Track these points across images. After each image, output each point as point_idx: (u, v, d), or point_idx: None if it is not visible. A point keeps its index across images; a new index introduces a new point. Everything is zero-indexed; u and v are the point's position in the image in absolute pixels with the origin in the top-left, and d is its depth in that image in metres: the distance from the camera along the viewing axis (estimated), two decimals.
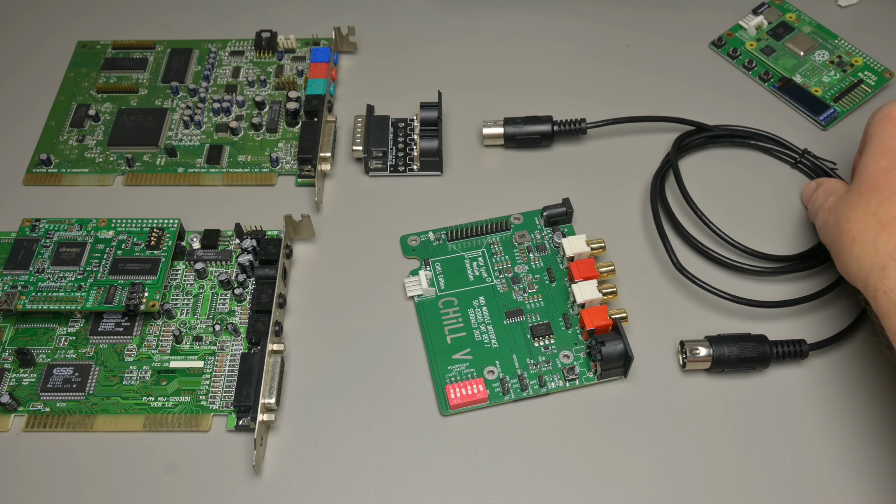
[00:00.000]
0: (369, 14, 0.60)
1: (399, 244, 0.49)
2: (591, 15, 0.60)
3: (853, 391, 0.43)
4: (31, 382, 0.44)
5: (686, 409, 0.43)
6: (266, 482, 0.41)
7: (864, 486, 0.40)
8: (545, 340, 0.45)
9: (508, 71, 0.57)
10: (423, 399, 0.43)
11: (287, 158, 0.52)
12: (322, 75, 0.54)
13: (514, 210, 0.50)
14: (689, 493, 0.40)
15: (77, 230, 0.48)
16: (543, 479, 0.41)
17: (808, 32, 0.56)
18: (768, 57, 0.55)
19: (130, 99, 0.55)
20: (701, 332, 0.45)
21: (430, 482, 0.41)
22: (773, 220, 0.49)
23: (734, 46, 0.57)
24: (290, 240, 0.48)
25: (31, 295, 0.45)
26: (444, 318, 0.46)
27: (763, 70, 0.55)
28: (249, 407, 0.42)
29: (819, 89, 0.54)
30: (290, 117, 0.53)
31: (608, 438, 0.42)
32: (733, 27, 0.58)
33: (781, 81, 0.54)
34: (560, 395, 0.43)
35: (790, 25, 0.57)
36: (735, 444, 0.42)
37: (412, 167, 0.52)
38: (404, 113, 0.54)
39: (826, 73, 0.54)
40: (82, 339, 0.45)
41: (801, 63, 0.55)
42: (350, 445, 0.42)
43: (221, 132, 0.53)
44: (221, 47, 0.58)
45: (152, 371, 0.44)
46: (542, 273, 0.47)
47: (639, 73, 0.56)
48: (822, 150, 0.51)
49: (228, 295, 0.47)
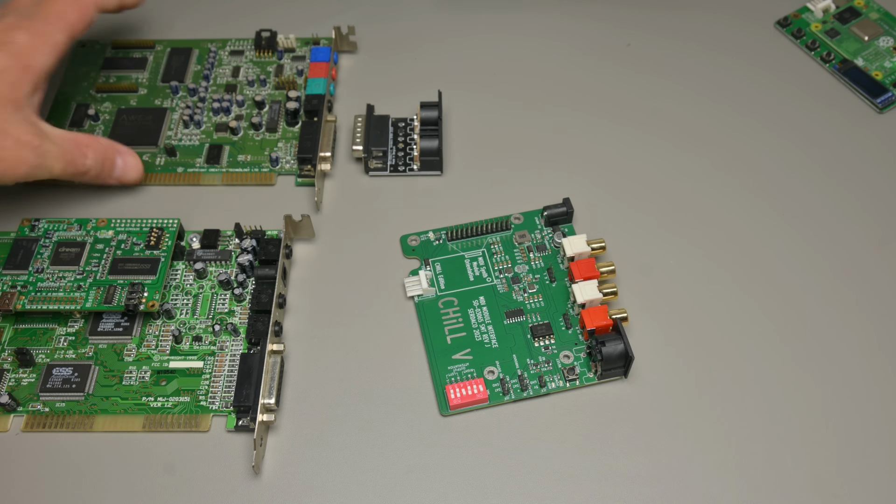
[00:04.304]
0: (369, 14, 0.60)
1: (399, 244, 0.49)
2: (591, 15, 0.60)
3: (851, 390, 0.43)
4: (31, 383, 0.44)
5: (686, 409, 0.43)
6: (266, 482, 0.41)
7: (864, 487, 0.40)
8: (545, 340, 0.45)
9: (508, 71, 0.57)
10: (423, 399, 0.43)
11: (287, 158, 0.52)
12: (322, 75, 0.54)
13: (514, 210, 0.50)
14: (689, 493, 0.40)
15: (76, 230, 0.48)
16: (543, 479, 0.41)
17: (875, 19, 0.57)
18: (832, 39, 0.56)
19: (130, 98, 0.55)
20: (701, 332, 0.45)
21: (430, 482, 0.41)
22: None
23: (799, 27, 0.57)
24: (289, 240, 0.48)
25: (31, 295, 0.45)
26: (444, 318, 0.46)
27: (825, 51, 0.56)
28: (249, 407, 0.42)
29: (880, 73, 0.54)
30: (289, 117, 0.53)
31: (608, 438, 0.42)
32: (800, 9, 0.59)
33: (842, 63, 0.55)
34: (560, 395, 0.43)
35: (857, 10, 0.58)
36: (735, 444, 0.42)
37: (412, 167, 0.52)
38: (404, 113, 0.54)
39: (889, 58, 0.55)
40: (82, 339, 0.45)
41: (865, 47, 0.56)
42: (350, 445, 0.42)
43: (221, 132, 0.53)
44: (221, 47, 0.58)
45: (152, 371, 0.44)
46: (542, 273, 0.47)
47: (646, 69, 0.56)
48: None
49: (228, 295, 0.47)
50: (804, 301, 0.46)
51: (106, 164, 0.48)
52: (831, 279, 0.47)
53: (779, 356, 0.44)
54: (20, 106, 0.44)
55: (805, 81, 0.55)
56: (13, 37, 0.45)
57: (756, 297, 0.46)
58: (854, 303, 0.46)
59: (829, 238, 0.49)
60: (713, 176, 0.51)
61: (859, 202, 0.50)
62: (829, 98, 0.55)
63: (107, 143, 0.49)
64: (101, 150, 0.48)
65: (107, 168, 0.48)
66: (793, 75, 0.56)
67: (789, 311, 0.46)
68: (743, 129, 0.53)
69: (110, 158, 0.48)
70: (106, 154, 0.48)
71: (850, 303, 0.46)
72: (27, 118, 0.44)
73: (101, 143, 0.48)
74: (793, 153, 0.52)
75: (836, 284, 0.47)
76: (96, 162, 0.47)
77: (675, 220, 0.50)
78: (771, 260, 0.48)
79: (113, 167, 0.49)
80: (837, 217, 0.49)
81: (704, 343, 0.45)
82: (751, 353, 0.44)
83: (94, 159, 0.47)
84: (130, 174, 0.50)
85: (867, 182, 0.51)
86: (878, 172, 0.51)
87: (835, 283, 0.47)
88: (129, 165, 0.49)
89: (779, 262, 0.48)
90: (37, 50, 0.45)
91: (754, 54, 0.57)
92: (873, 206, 0.50)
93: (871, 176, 0.51)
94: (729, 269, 0.48)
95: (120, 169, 0.49)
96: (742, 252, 0.48)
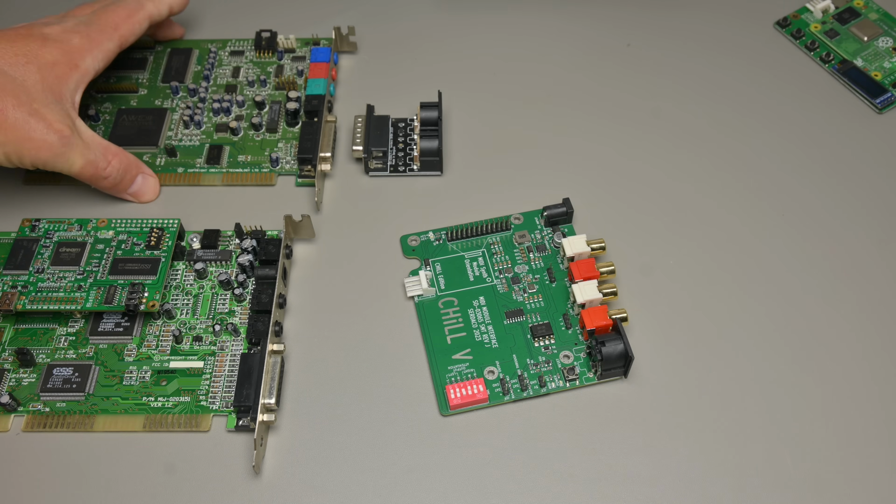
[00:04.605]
0: (369, 14, 0.60)
1: (399, 244, 0.49)
2: (591, 15, 0.60)
3: (850, 390, 0.43)
4: (31, 383, 0.44)
5: (686, 409, 0.43)
6: (266, 482, 0.41)
7: (864, 487, 0.40)
8: (545, 340, 0.45)
9: (508, 71, 0.57)
10: (423, 399, 0.43)
11: (287, 158, 0.52)
12: (322, 75, 0.54)
13: (514, 210, 0.50)
14: (689, 493, 0.40)
15: (77, 230, 0.48)
16: (543, 479, 0.41)
17: (874, 19, 0.57)
18: (831, 40, 0.56)
19: (130, 99, 0.55)
20: (701, 332, 0.45)
21: (430, 482, 0.41)
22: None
23: (798, 27, 0.57)
24: (290, 240, 0.48)
25: (31, 295, 0.45)
26: (444, 319, 0.46)
27: (825, 52, 0.56)
28: (249, 407, 0.42)
29: (879, 74, 0.54)
30: (289, 117, 0.53)
31: (608, 438, 0.42)
32: (800, 9, 0.59)
33: (842, 63, 0.55)
34: (560, 395, 0.43)
35: (857, 11, 0.58)
36: (735, 444, 0.42)
37: (412, 167, 0.52)
38: (404, 113, 0.54)
39: (888, 59, 0.55)
40: (82, 339, 0.45)
41: (864, 48, 0.56)
42: (350, 445, 0.42)
43: (221, 132, 0.53)
44: (221, 47, 0.58)
45: (152, 371, 0.44)
46: (542, 273, 0.47)
47: (641, 70, 0.56)
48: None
49: (228, 295, 0.47)
50: (804, 301, 0.46)
51: (126, 177, 0.49)
52: (831, 279, 0.47)
53: (778, 356, 0.44)
54: (62, 98, 0.47)
55: (804, 82, 0.56)
56: (69, 38, 0.48)
57: (756, 296, 0.46)
58: (854, 303, 0.46)
59: (829, 238, 0.49)
60: (713, 176, 0.51)
61: (859, 202, 0.50)
62: (828, 98, 0.55)
63: (134, 159, 0.50)
64: (125, 163, 0.49)
65: (125, 182, 0.50)
66: (792, 75, 0.56)
67: (789, 310, 0.46)
68: (743, 130, 0.53)
69: (132, 174, 0.50)
70: (129, 168, 0.49)
71: (849, 303, 0.46)
72: (65, 110, 0.47)
73: (127, 158, 0.50)
74: (792, 153, 0.52)
75: (835, 284, 0.47)
76: (117, 172, 0.49)
77: (674, 220, 0.50)
78: (770, 260, 0.48)
79: (132, 183, 0.50)
80: (837, 217, 0.49)
81: (704, 343, 0.45)
82: (750, 353, 0.44)
83: (117, 170, 0.49)
84: (146, 195, 0.51)
85: (867, 182, 0.51)
86: (877, 172, 0.51)
87: (834, 282, 0.47)
88: (147, 185, 0.51)
89: (778, 262, 0.48)
90: (88, 53, 0.49)
91: (754, 54, 0.57)
92: (873, 206, 0.50)
93: (871, 176, 0.51)
94: (729, 268, 0.48)
95: (137, 186, 0.50)
96: (742, 252, 0.48)
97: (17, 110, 0.44)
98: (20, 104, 0.45)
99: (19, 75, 0.46)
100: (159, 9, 0.53)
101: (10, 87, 0.45)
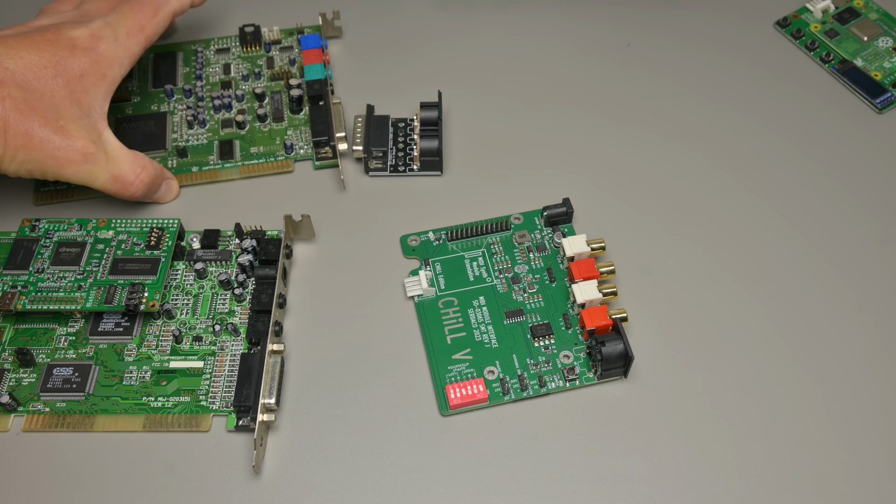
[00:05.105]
0: (369, 14, 0.60)
1: (399, 244, 0.49)
2: (591, 15, 0.60)
3: (851, 390, 0.43)
4: (31, 382, 0.44)
5: (686, 409, 0.43)
6: (266, 482, 0.41)
7: (864, 487, 0.40)
8: (545, 340, 0.45)
9: (508, 71, 0.57)
10: (423, 399, 0.43)
11: (300, 144, 0.52)
12: (317, 60, 0.54)
13: (513, 210, 0.50)
14: (689, 493, 0.40)
15: (77, 230, 0.48)
16: (543, 478, 0.41)
17: (874, 19, 0.57)
18: (831, 40, 0.56)
19: (125, 108, 0.55)
20: (701, 332, 0.45)
21: (430, 482, 0.41)
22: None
23: (798, 27, 0.57)
24: (289, 240, 0.48)
25: (31, 295, 0.45)
26: (444, 318, 0.46)
27: (825, 52, 0.56)
28: (249, 407, 0.42)
29: (879, 74, 0.54)
30: (294, 104, 0.53)
31: (608, 438, 0.42)
32: (800, 9, 0.59)
33: (842, 63, 0.55)
34: (560, 395, 0.43)
35: (857, 11, 0.58)
36: (735, 444, 0.42)
37: (412, 167, 0.52)
38: (404, 113, 0.54)
39: (888, 59, 0.55)
40: (82, 339, 0.45)
41: (864, 48, 0.56)
42: (350, 445, 0.42)
43: (227, 128, 0.53)
44: (206, 46, 0.58)
45: (152, 371, 0.44)
46: (542, 273, 0.47)
47: (644, 70, 0.56)
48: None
49: (228, 295, 0.47)
50: (804, 301, 0.46)
51: (153, 187, 0.49)
52: (831, 279, 0.47)
53: (779, 356, 0.44)
54: (90, 110, 0.46)
55: (804, 81, 0.56)
56: (97, 44, 0.47)
57: (756, 296, 0.46)
58: (854, 303, 0.46)
59: (829, 238, 0.49)
60: (713, 176, 0.51)
61: (859, 202, 0.50)
62: (828, 98, 0.55)
63: (160, 168, 0.50)
64: (152, 175, 0.49)
65: (152, 191, 0.49)
66: (792, 75, 0.56)
67: (789, 310, 0.46)
68: (743, 129, 0.53)
69: (157, 183, 0.50)
70: (155, 179, 0.49)
71: (850, 303, 0.46)
72: (92, 124, 0.46)
73: (155, 167, 0.49)
74: (793, 153, 0.52)
75: (836, 284, 0.47)
76: (145, 186, 0.48)
77: (674, 219, 0.50)
78: (771, 260, 0.48)
79: (157, 190, 0.50)
80: (837, 217, 0.49)
81: (704, 343, 0.45)
82: (751, 353, 0.44)
83: (145, 183, 0.48)
84: (167, 198, 0.51)
85: (867, 182, 0.51)
86: (877, 172, 0.51)
87: (835, 282, 0.47)
88: (170, 189, 0.51)
89: (778, 262, 0.48)
90: (116, 62, 0.47)
91: (754, 54, 0.57)
92: (873, 206, 0.50)
93: (871, 176, 0.51)
94: (729, 268, 0.48)
95: (161, 192, 0.50)
96: (742, 252, 0.48)
97: (44, 129, 0.44)
98: (46, 122, 0.44)
99: (48, 90, 0.44)
100: (181, 2, 0.51)
101: (37, 104, 0.44)
